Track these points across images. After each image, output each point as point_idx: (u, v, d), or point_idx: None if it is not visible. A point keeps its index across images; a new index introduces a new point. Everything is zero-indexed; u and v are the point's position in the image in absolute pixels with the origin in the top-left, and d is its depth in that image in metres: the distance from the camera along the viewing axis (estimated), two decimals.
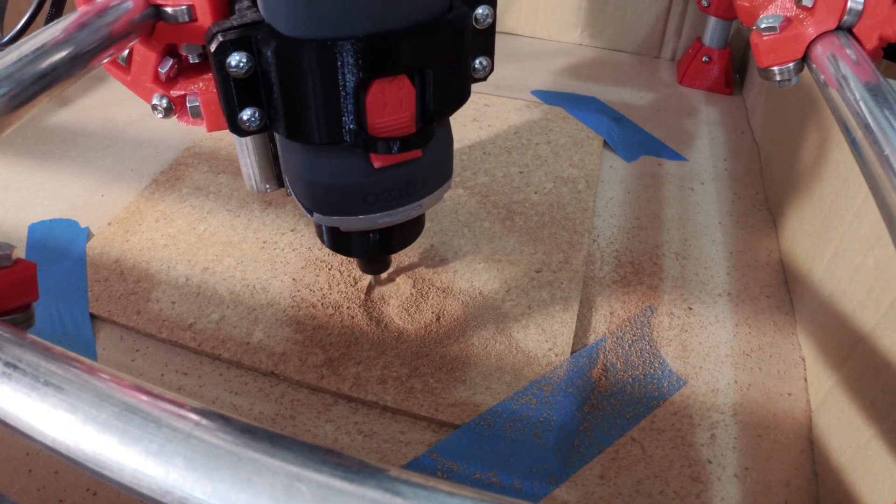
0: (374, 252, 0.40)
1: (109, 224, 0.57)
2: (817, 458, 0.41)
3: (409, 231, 0.40)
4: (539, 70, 0.83)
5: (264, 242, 0.55)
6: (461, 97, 0.33)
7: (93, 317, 0.49)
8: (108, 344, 0.48)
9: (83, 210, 0.59)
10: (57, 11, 0.43)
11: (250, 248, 0.54)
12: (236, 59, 0.28)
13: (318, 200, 0.34)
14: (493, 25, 0.32)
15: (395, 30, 0.28)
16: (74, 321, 0.49)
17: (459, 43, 0.31)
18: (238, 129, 0.30)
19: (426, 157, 0.33)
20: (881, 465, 0.35)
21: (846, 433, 0.39)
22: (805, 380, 0.46)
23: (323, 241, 0.40)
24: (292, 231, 0.56)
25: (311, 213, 0.35)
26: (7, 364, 0.20)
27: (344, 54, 0.28)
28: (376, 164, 0.32)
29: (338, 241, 0.39)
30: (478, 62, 0.33)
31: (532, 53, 0.87)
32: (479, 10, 0.31)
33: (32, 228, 0.57)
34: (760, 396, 0.45)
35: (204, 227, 0.56)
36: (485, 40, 0.33)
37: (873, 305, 0.38)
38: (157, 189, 0.61)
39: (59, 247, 0.55)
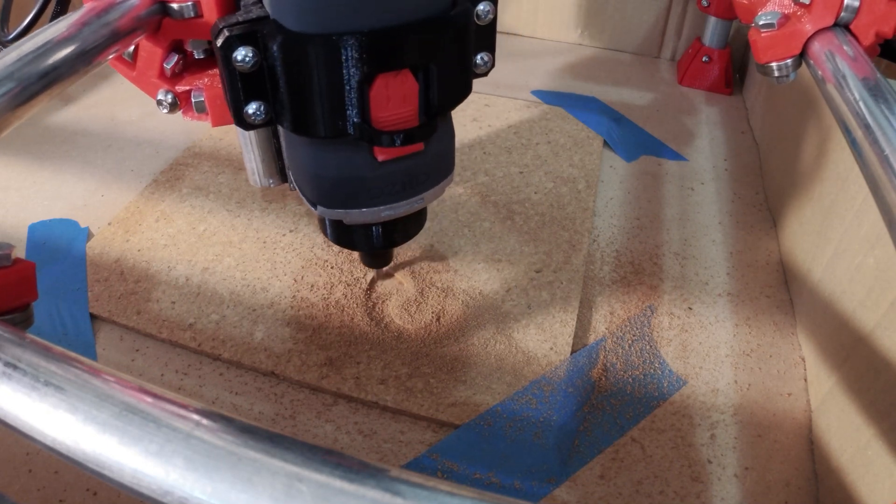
0: (376, 245, 0.40)
1: (109, 224, 0.57)
2: (817, 458, 0.41)
3: (412, 224, 0.41)
4: (539, 70, 0.83)
5: (264, 242, 0.55)
6: (463, 92, 0.34)
7: (93, 317, 0.49)
8: (108, 344, 0.48)
9: (83, 210, 0.59)
10: (62, 9, 0.43)
11: (250, 248, 0.54)
12: (242, 54, 0.29)
13: (322, 193, 0.34)
14: (494, 21, 0.33)
15: (400, 25, 0.29)
16: (74, 321, 0.49)
17: (462, 39, 0.31)
18: (244, 122, 0.31)
19: (429, 150, 0.34)
20: (881, 465, 0.35)
21: (846, 433, 0.39)
22: (805, 380, 0.46)
23: (326, 234, 0.41)
24: (292, 231, 0.56)
25: (314, 206, 0.35)
26: (7, 364, 0.20)
27: (349, 49, 0.28)
28: (380, 158, 0.32)
29: (341, 235, 0.40)
30: (479, 58, 0.34)
31: (532, 53, 0.87)
32: (481, 7, 0.32)
33: (32, 228, 0.57)
34: (760, 396, 0.45)
35: (204, 227, 0.56)
36: (486, 36, 0.33)
37: (873, 305, 0.38)
38: (157, 189, 0.61)
39: (59, 247, 0.55)
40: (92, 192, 0.61)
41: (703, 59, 0.80)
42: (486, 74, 0.34)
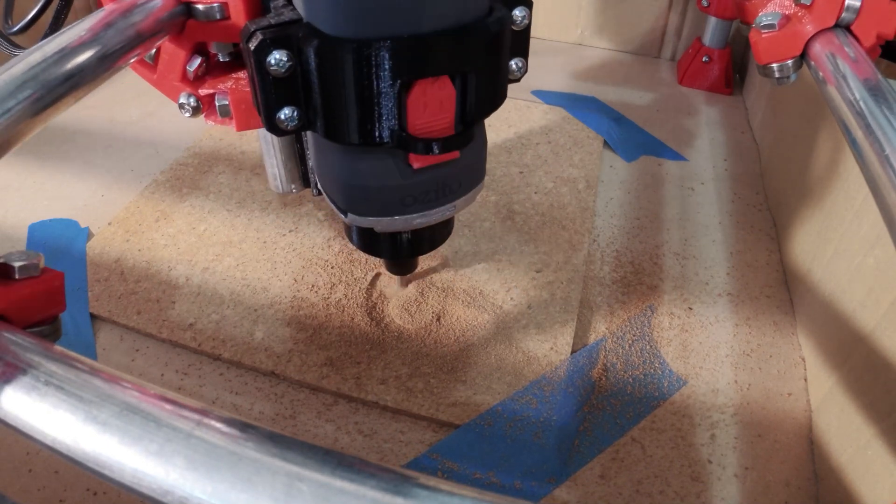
0: (404, 253, 0.39)
1: (109, 224, 0.57)
2: (817, 458, 0.41)
3: (440, 232, 0.40)
4: (539, 70, 0.83)
5: (264, 242, 0.55)
6: (499, 99, 0.33)
7: (93, 317, 0.49)
8: (108, 344, 0.48)
9: (83, 210, 0.59)
10: (66, 2, 0.43)
11: (250, 248, 0.54)
12: (276, 58, 0.28)
13: (355, 201, 0.34)
14: (528, 26, 0.32)
15: (438, 31, 0.28)
16: (74, 321, 0.49)
17: (499, 45, 0.31)
18: (276, 128, 0.30)
19: (463, 158, 0.33)
20: (881, 465, 0.35)
21: (846, 433, 0.39)
22: (805, 380, 0.46)
23: (352, 241, 0.40)
24: (293, 231, 0.56)
25: (345, 213, 0.34)
26: (7, 364, 0.20)
27: (387, 55, 0.27)
28: (415, 165, 0.32)
29: (369, 242, 0.39)
30: (513, 63, 0.33)
31: (532, 53, 0.87)
32: (517, 12, 0.31)
33: (32, 228, 0.57)
34: (760, 396, 0.45)
35: (204, 227, 0.56)
36: (521, 41, 0.33)
37: (873, 305, 0.38)
38: (157, 189, 0.61)
39: (59, 247, 0.55)
40: (92, 192, 0.61)
41: (703, 59, 0.80)
42: (519, 80, 0.34)
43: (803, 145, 0.55)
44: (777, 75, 0.40)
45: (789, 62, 0.39)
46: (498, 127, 0.70)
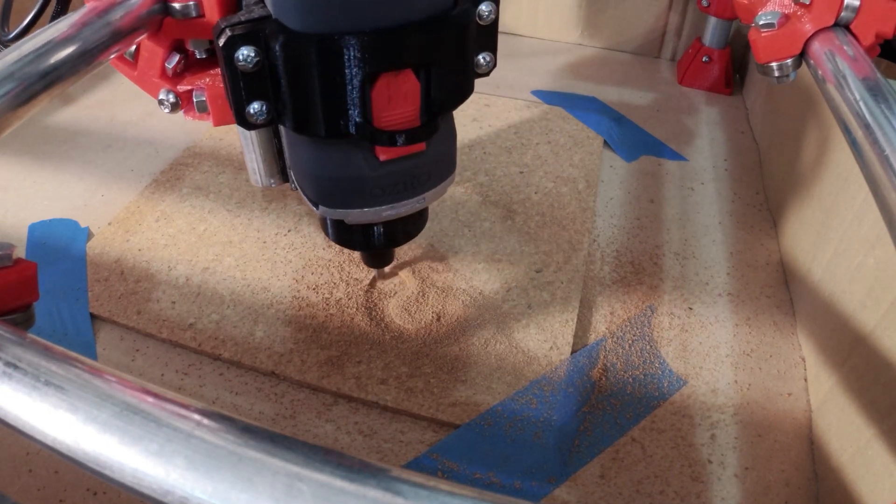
0: (378, 245, 0.40)
1: (109, 224, 0.57)
2: (817, 458, 0.41)
3: (413, 224, 0.41)
4: (539, 70, 0.83)
5: (264, 242, 0.55)
6: (465, 92, 0.34)
7: (93, 317, 0.49)
8: (108, 344, 0.48)
9: (83, 210, 0.59)
10: (62, 9, 0.43)
11: (250, 248, 0.54)
12: (244, 54, 0.29)
13: (324, 193, 0.34)
14: (496, 21, 0.33)
15: (402, 25, 0.29)
16: (74, 321, 0.49)
17: (464, 38, 0.31)
18: (246, 122, 0.31)
19: (430, 150, 0.34)
20: (881, 465, 0.35)
21: (846, 433, 0.39)
22: (805, 380, 0.46)
23: (327, 234, 0.41)
24: (292, 231, 0.56)
25: (316, 206, 0.35)
26: (7, 364, 0.20)
27: (351, 49, 0.28)
28: (381, 157, 0.32)
29: (342, 235, 0.40)
30: (481, 57, 0.34)
31: (532, 53, 0.87)
32: (483, 7, 0.32)
33: (32, 228, 0.57)
34: (760, 396, 0.45)
35: (204, 227, 0.56)
36: (488, 36, 0.33)
37: (873, 305, 0.38)
38: (157, 189, 0.61)
39: (59, 247, 0.55)
40: (92, 192, 0.61)
41: (703, 59, 0.80)
42: (487, 74, 0.34)
43: (803, 145, 0.55)
44: (776, 74, 0.40)
45: (788, 61, 0.39)
46: (498, 127, 0.70)
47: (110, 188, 0.62)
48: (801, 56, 0.39)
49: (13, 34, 0.43)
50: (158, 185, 0.61)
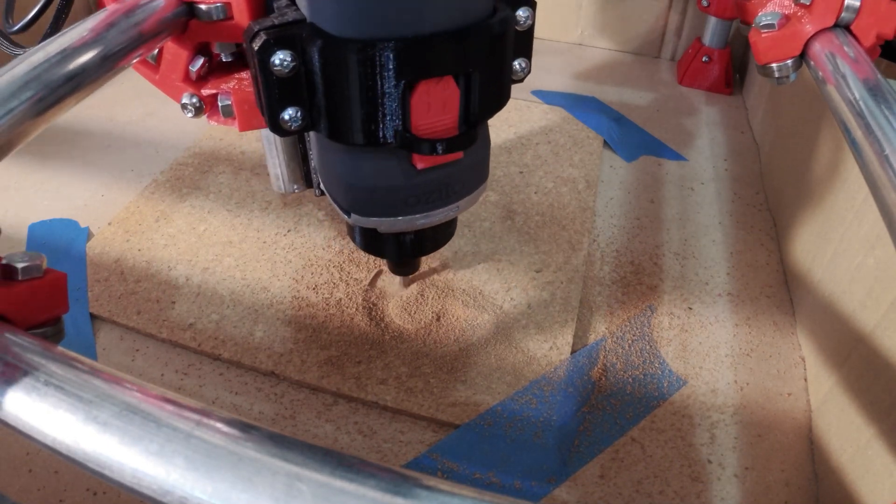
0: (407, 254, 0.39)
1: (109, 224, 0.57)
2: (817, 458, 0.41)
3: (443, 233, 0.40)
4: (539, 70, 0.83)
5: (264, 242, 0.55)
6: (502, 99, 0.33)
7: (93, 317, 0.49)
8: (108, 344, 0.48)
9: (83, 210, 0.59)
10: (67, 3, 0.43)
11: (250, 248, 0.54)
12: (280, 58, 0.28)
13: (358, 202, 0.34)
14: (532, 27, 0.32)
15: (442, 32, 0.28)
16: (74, 321, 0.49)
17: (503, 45, 0.31)
18: (279, 128, 0.30)
19: (466, 158, 0.33)
20: (881, 465, 0.35)
21: (846, 433, 0.39)
22: (805, 380, 0.46)
23: (355, 241, 0.40)
24: (292, 231, 0.56)
25: (348, 214, 0.34)
26: (8, 365, 0.20)
27: (391, 55, 0.27)
28: (419, 166, 0.32)
29: (372, 243, 0.39)
30: (517, 64, 0.33)
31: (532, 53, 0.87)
32: (521, 12, 0.31)
33: (32, 228, 0.57)
34: (760, 396, 0.45)
35: (204, 227, 0.56)
36: (524, 42, 0.33)
37: (873, 305, 0.38)
38: (157, 189, 0.61)
39: (59, 247, 0.55)
40: (92, 192, 0.61)
41: (703, 59, 0.80)
42: (522, 80, 0.34)
43: (803, 145, 0.55)
44: (777, 75, 0.40)
45: (789, 62, 0.39)
46: (498, 127, 0.70)
47: (110, 188, 0.62)
48: (802, 57, 0.38)
49: (18, 26, 0.43)
50: (158, 185, 0.61)
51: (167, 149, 0.67)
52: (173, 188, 0.61)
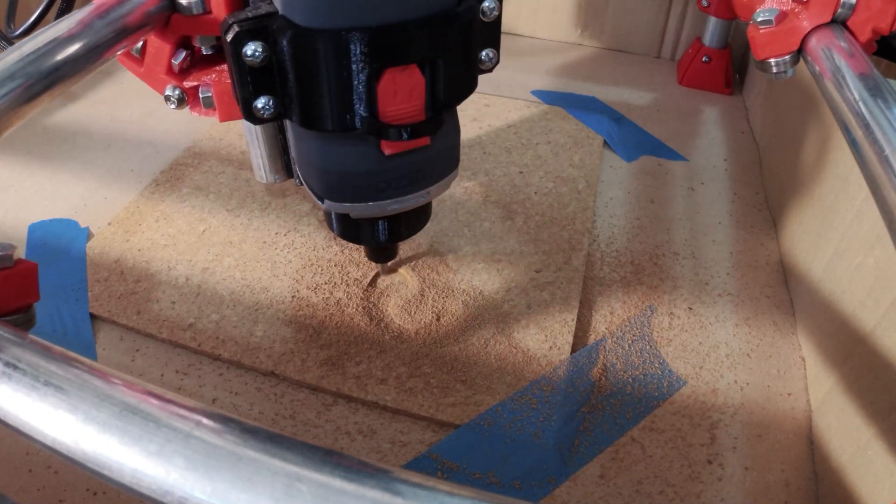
0: (382, 240, 0.40)
1: (109, 224, 0.57)
2: (817, 458, 0.41)
3: (417, 218, 0.41)
4: (539, 70, 0.83)
5: (264, 242, 0.55)
6: (469, 87, 0.34)
7: (93, 317, 0.49)
8: (108, 344, 0.48)
9: (83, 210, 0.59)
10: (68, 6, 0.43)
11: (250, 248, 0.54)
12: (252, 49, 0.29)
13: (330, 187, 0.35)
14: (499, 18, 0.33)
15: (407, 21, 0.29)
16: (74, 321, 0.49)
17: (468, 35, 0.32)
18: (252, 116, 0.31)
19: (435, 145, 0.34)
20: (881, 465, 0.35)
21: (846, 433, 0.39)
22: (805, 380, 0.46)
23: (332, 228, 0.41)
24: (292, 231, 0.56)
25: (322, 200, 0.36)
26: (7, 364, 0.20)
27: (357, 44, 0.29)
28: (387, 152, 0.33)
29: (347, 229, 0.40)
30: (484, 54, 0.34)
31: (532, 53, 0.87)
32: (486, 3, 0.32)
33: (32, 228, 0.57)
34: (760, 396, 0.45)
35: (204, 227, 0.56)
36: (491, 33, 0.34)
37: (873, 305, 0.39)
38: (157, 189, 0.61)
39: (59, 247, 0.55)
40: (92, 192, 0.61)
41: (703, 59, 0.80)
42: (490, 70, 0.35)
43: (803, 145, 0.55)
44: (774, 70, 0.40)
45: (786, 58, 0.39)
46: (498, 127, 0.70)
47: (110, 188, 0.62)
48: (799, 52, 0.39)
49: (19, 31, 0.43)
50: (158, 185, 0.61)
51: (167, 149, 0.67)
52: (173, 188, 0.61)
